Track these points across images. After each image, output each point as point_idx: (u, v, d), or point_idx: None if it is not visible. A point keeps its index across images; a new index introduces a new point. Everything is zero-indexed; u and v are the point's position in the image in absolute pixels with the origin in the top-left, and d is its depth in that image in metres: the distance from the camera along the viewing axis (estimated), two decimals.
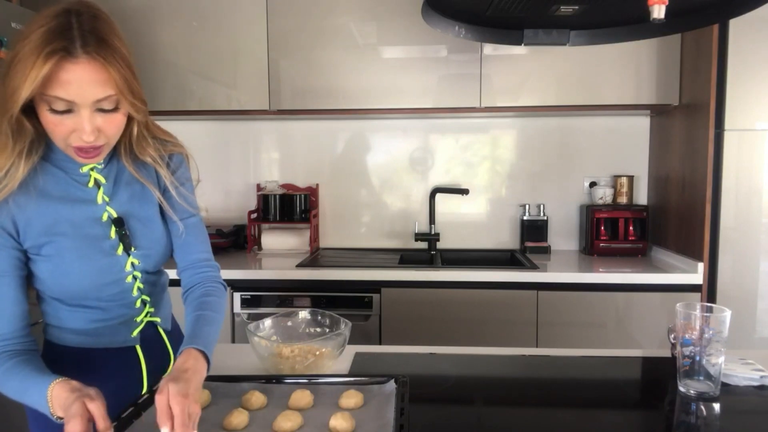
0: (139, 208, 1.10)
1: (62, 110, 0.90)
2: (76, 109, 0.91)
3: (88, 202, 1.05)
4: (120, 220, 1.07)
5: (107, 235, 1.06)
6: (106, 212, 1.06)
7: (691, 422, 1.06)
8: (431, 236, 2.76)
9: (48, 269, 1.02)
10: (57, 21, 0.89)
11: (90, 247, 1.04)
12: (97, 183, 1.06)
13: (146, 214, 1.11)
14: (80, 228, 1.04)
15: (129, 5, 2.49)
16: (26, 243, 1.01)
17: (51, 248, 1.01)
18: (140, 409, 0.97)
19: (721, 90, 2.16)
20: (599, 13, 1.36)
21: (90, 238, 1.05)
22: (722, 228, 2.19)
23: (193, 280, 1.17)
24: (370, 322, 2.29)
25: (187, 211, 1.17)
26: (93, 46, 0.89)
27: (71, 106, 0.90)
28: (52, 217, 1.01)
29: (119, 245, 1.07)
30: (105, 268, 1.07)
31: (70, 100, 0.89)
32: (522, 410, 1.12)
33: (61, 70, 0.88)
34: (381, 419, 0.94)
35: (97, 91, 0.90)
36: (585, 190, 2.81)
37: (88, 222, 1.05)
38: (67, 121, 0.92)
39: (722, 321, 1.08)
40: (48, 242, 1.01)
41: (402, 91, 2.48)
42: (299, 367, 1.20)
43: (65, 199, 1.03)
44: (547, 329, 2.26)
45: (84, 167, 1.04)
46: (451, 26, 1.45)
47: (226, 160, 2.92)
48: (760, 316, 2.18)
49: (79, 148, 0.95)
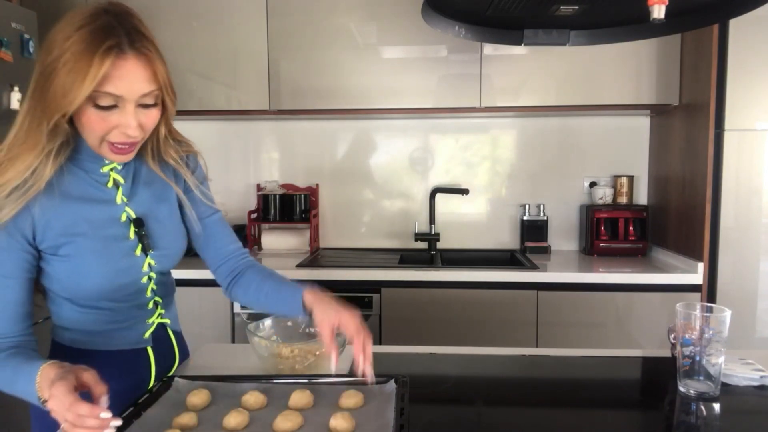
0: (158, 209, 1.11)
1: (108, 106, 0.92)
2: (121, 105, 0.93)
3: (107, 203, 1.05)
4: (139, 220, 1.07)
5: (126, 236, 1.06)
6: (125, 213, 1.07)
7: (691, 422, 1.06)
8: (431, 236, 2.76)
9: (66, 269, 1.01)
10: (100, 21, 0.91)
11: (109, 248, 1.04)
12: (116, 183, 1.06)
13: (164, 214, 1.12)
14: (100, 228, 1.03)
15: (129, 5, 2.48)
16: (43, 244, 1.00)
17: (70, 248, 1.00)
18: (140, 409, 0.97)
19: (721, 90, 2.16)
20: (599, 13, 1.36)
21: (109, 239, 1.04)
22: (722, 228, 2.19)
23: (239, 266, 1.22)
24: (370, 322, 2.29)
25: (210, 209, 1.20)
26: (139, 42, 0.93)
27: (118, 101, 0.92)
28: (71, 217, 1.01)
29: (138, 246, 1.07)
30: (123, 269, 1.06)
31: (119, 95, 0.92)
32: (522, 410, 1.12)
33: (113, 67, 0.90)
34: (381, 419, 0.94)
35: (144, 85, 0.94)
36: (585, 190, 2.81)
37: (107, 222, 1.05)
38: (110, 117, 0.93)
39: (722, 321, 1.08)
40: (67, 243, 1.00)
41: (402, 91, 2.48)
42: (299, 367, 1.20)
43: (85, 200, 1.03)
44: (547, 329, 2.26)
45: (105, 167, 1.05)
46: (451, 26, 1.45)
47: (226, 160, 2.92)
48: (760, 316, 2.18)
49: (116, 145, 0.97)
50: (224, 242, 1.22)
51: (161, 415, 0.96)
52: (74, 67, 0.88)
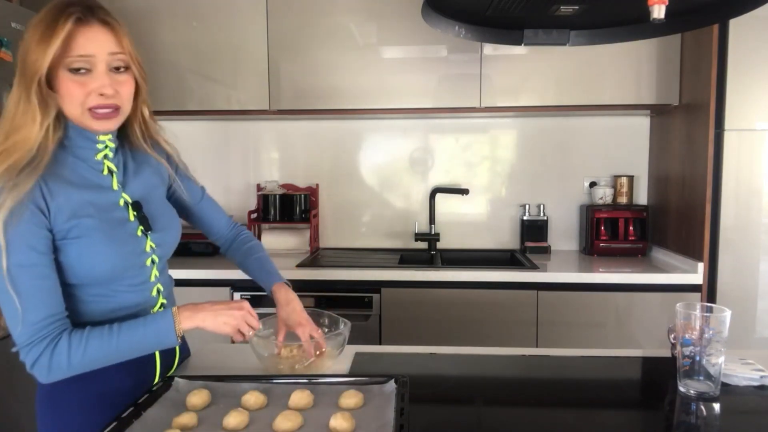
0: (150, 194, 1.17)
1: (81, 68, 0.99)
2: (93, 67, 1.00)
3: (106, 189, 1.09)
4: (137, 203, 1.12)
5: (127, 218, 1.10)
6: (122, 198, 1.11)
7: (691, 422, 1.06)
8: (431, 236, 2.76)
9: (77, 253, 1.02)
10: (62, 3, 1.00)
11: (115, 230, 1.07)
12: (110, 171, 1.11)
13: (157, 199, 1.19)
14: (104, 212, 1.07)
15: (129, 5, 2.49)
16: (56, 228, 1.01)
17: (79, 231, 1.02)
18: (140, 409, 0.97)
19: (721, 90, 2.16)
20: (599, 13, 1.36)
21: (113, 221, 1.08)
22: (722, 228, 2.19)
23: (230, 235, 1.42)
24: (370, 322, 2.29)
25: (198, 191, 1.34)
26: (101, 12, 1.02)
27: (89, 63, 1.00)
28: (77, 201, 1.03)
29: (138, 227, 1.11)
30: (129, 251, 1.09)
31: (89, 55, 0.99)
32: (522, 410, 1.12)
33: (78, 33, 0.99)
34: (381, 419, 0.94)
35: (111, 45, 1.02)
36: (585, 190, 2.81)
37: (109, 206, 1.08)
38: (85, 80, 1.00)
39: (722, 321, 1.08)
40: (76, 225, 1.02)
41: (402, 91, 2.48)
42: (299, 367, 1.20)
43: (86, 186, 1.06)
44: (547, 329, 2.26)
45: (99, 154, 1.08)
46: (451, 26, 1.45)
47: (226, 160, 2.92)
48: (760, 316, 2.18)
49: (96, 110, 1.02)
50: (218, 216, 1.40)
51: (161, 415, 0.96)
52: (39, 38, 0.97)
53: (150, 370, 1.16)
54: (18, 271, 0.95)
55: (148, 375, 1.16)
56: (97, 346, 0.99)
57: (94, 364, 1.01)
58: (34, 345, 0.97)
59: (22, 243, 0.96)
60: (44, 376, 0.99)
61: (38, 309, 0.97)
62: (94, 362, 1.01)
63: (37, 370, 0.98)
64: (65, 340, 0.98)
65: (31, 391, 1.12)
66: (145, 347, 1.04)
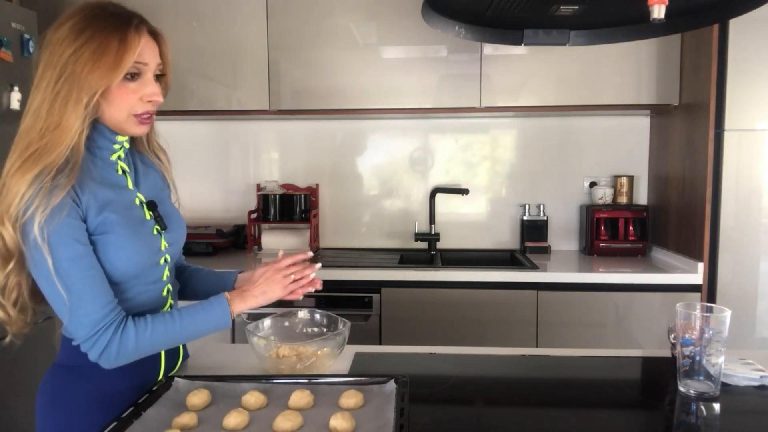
0: (159, 195, 1.18)
1: (134, 74, 1.03)
2: (143, 74, 1.05)
3: (123, 188, 1.11)
4: (152, 202, 1.14)
5: (144, 217, 1.12)
6: (137, 197, 1.12)
7: (691, 422, 1.06)
8: (431, 236, 2.76)
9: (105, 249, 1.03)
10: (111, 8, 1.04)
11: (137, 226, 1.09)
12: (124, 171, 1.12)
13: (165, 199, 1.21)
14: (125, 209, 1.08)
15: (129, 5, 2.48)
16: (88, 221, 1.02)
17: (105, 227, 1.03)
18: (140, 409, 0.97)
19: (721, 90, 2.16)
20: (599, 13, 1.36)
21: (135, 218, 1.09)
22: (722, 228, 2.19)
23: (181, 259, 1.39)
24: (370, 322, 2.29)
25: None
26: (149, 24, 1.07)
27: (142, 69, 1.04)
28: (102, 198, 1.04)
29: (155, 226, 1.13)
30: (149, 248, 1.10)
31: (144, 63, 1.03)
32: (522, 410, 1.12)
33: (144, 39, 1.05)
34: (381, 419, 0.94)
35: (158, 54, 1.07)
36: (585, 190, 2.81)
37: (128, 204, 1.10)
38: (137, 87, 1.04)
39: (722, 321, 1.08)
40: (103, 221, 1.03)
41: (402, 91, 2.48)
42: (299, 367, 1.20)
43: (107, 184, 1.07)
44: (547, 329, 2.26)
45: (113, 154, 1.10)
46: (451, 26, 1.45)
47: (226, 160, 2.92)
48: (760, 316, 2.18)
49: (142, 116, 1.06)
50: None
51: (161, 415, 0.96)
52: (109, 46, 0.99)
53: (154, 371, 1.16)
54: (69, 265, 0.97)
55: (152, 376, 1.15)
56: (162, 330, 1.04)
57: (158, 347, 1.07)
58: (101, 334, 0.99)
59: (68, 237, 0.97)
60: (111, 362, 1.01)
61: (96, 299, 0.99)
62: (158, 345, 1.06)
63: (104, 357, 1.00)
64: (131, 326, 1.02)
65: (31, 390, 1.12)
66: (203, 330, 1.10)
